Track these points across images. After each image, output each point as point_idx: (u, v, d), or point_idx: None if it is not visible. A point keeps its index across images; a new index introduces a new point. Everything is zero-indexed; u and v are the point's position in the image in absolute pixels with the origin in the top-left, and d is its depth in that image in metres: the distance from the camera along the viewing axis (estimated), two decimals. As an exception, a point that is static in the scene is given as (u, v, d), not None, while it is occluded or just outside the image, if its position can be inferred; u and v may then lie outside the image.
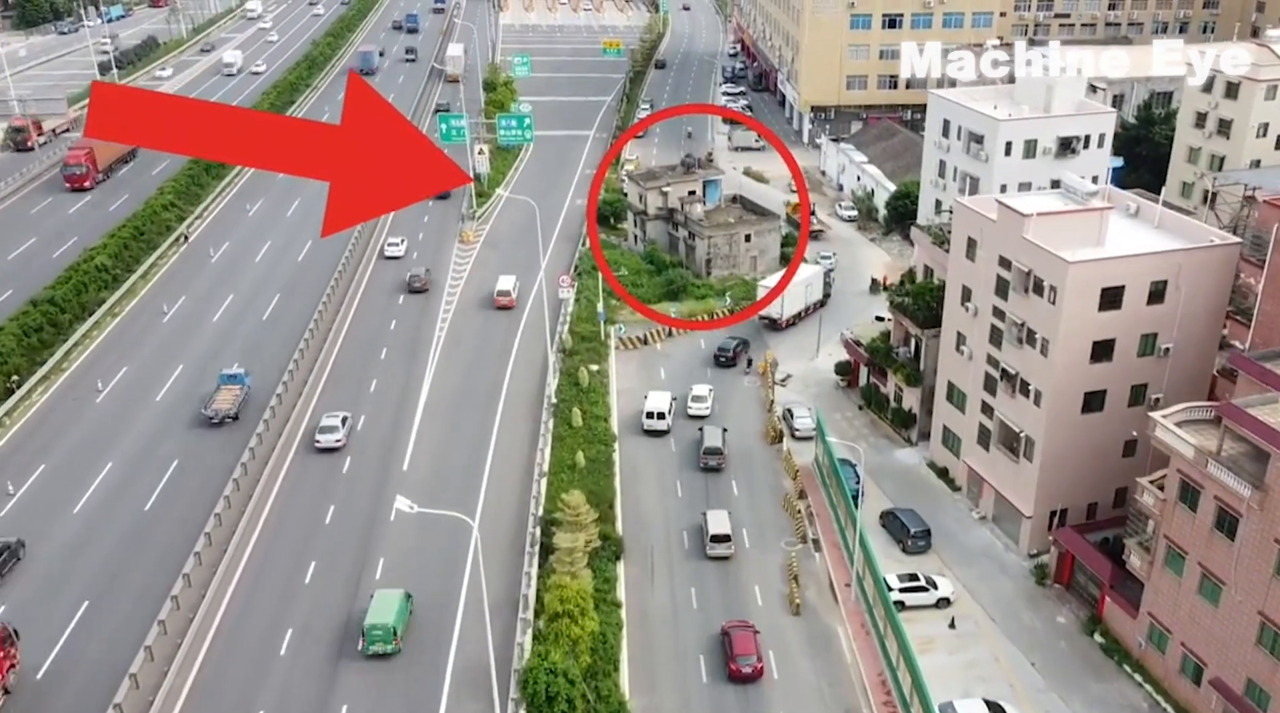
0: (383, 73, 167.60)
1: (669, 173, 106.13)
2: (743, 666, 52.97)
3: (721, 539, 61.57)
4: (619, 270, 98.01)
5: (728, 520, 62.90)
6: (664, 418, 74.31)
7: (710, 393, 77.15)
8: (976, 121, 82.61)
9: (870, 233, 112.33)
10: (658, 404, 75.00)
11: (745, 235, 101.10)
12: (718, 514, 63.46)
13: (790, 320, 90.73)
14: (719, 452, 70.46)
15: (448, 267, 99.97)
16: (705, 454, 70.25)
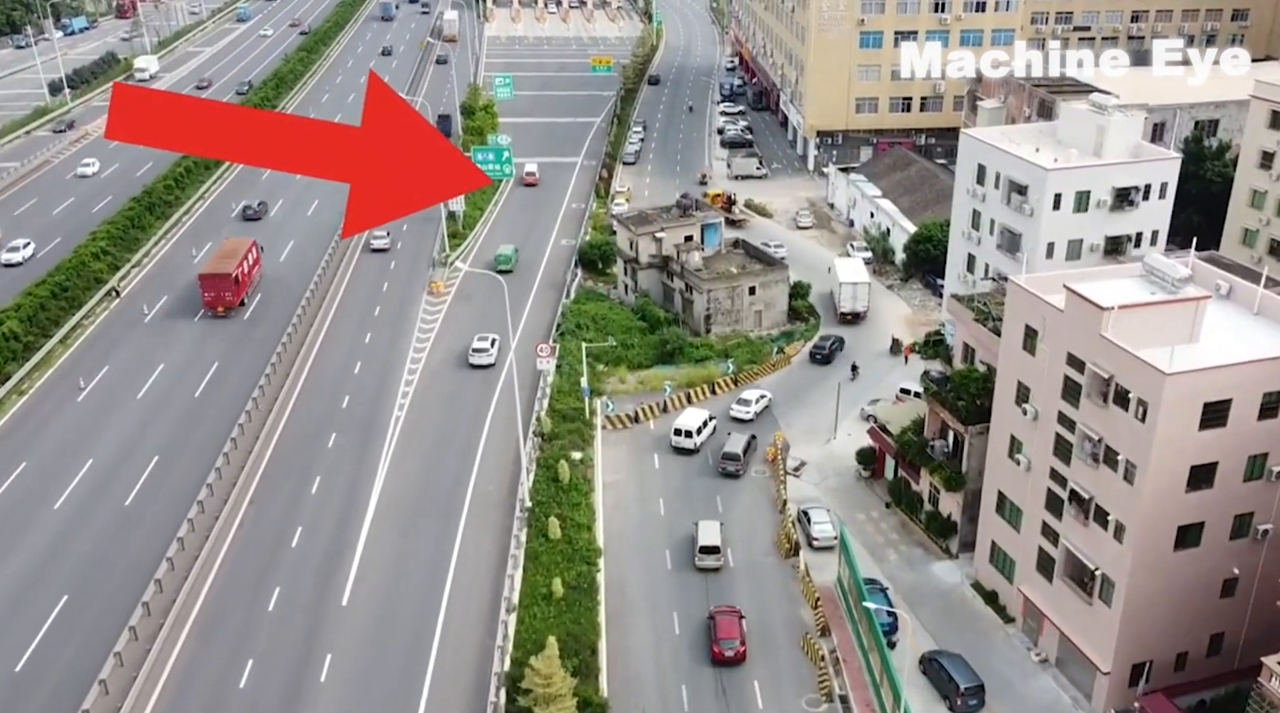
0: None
1: (663, 216, 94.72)
2: (725, 649, 53.51)
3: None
4: (606, 335, 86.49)
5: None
6: (693, 436, 71.57)
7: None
8: (1019, 169, 71.28)
9: (887, 278, 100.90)
10: (689, 422, 72.13)
11: (749, 287, 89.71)
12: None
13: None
14: (737, 457, 69.60)
15: (412, 326, 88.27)
16: (724, 459, 69.89)
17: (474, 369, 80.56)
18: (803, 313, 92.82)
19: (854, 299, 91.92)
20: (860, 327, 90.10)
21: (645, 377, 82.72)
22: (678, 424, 72.62)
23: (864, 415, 75.71)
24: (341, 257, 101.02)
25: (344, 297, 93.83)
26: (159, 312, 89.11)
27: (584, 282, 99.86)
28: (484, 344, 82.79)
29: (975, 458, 60.14)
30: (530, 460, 68.25)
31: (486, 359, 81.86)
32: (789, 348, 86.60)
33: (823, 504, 66.16)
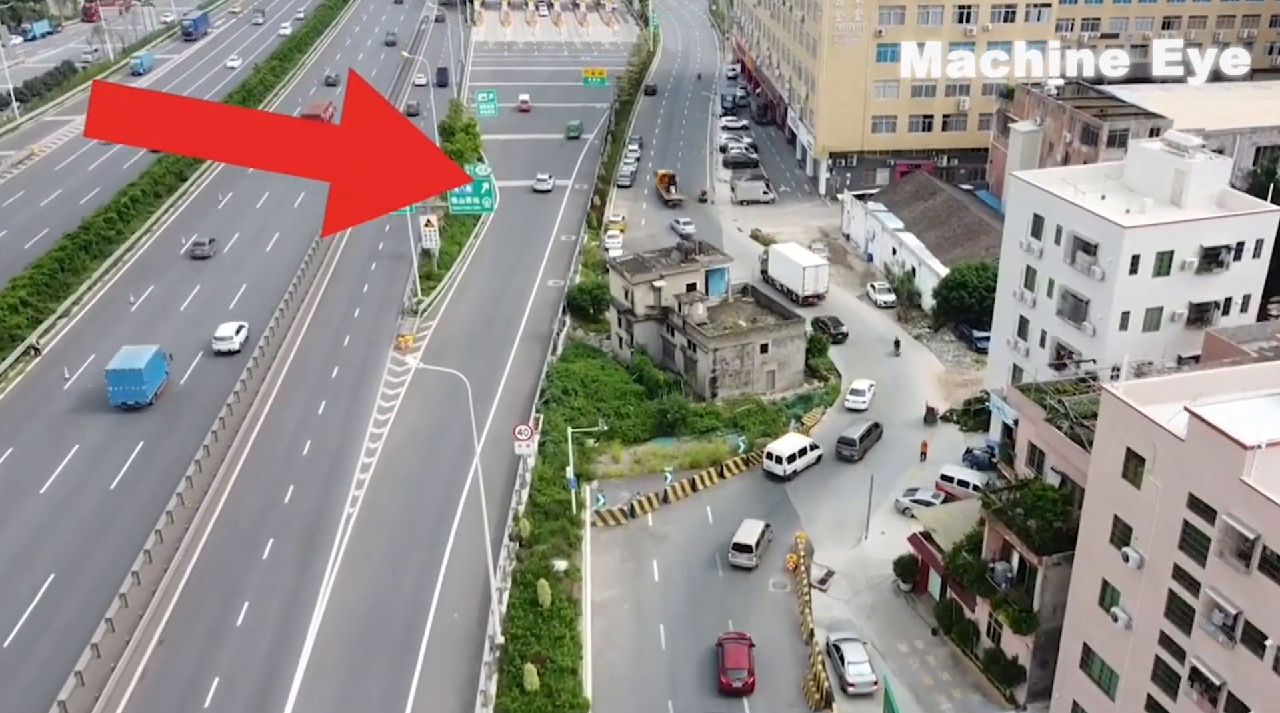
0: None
1: (661, 260, 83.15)
2: (733, 679, 51.37)
3: None
4: (598, 403, 75.04)
5: None
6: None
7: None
8: (1088, 224, 59.83)
9: (914, 327, 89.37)
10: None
11: (761, 346, 78.19)
12: None
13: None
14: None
15: (373, 393, 76.64)
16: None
17: (442, 451, 68.90)
18: (821, 371, 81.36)
19: (816, 282, 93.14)
20: (890, 391, 78.45)
21: (642, 454, 71.27)
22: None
23: (900, 508, 64.41)
24: (300, 301, 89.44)
25: (299, 353, 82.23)
26: (83, 376, 77.36)
27: (573, 331, 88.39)
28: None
29: (1051, 593, 48.76)
30: (505, 578, 56.77)
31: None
32: (807, 418, 75.14)
33: (858, 636, 54.63)
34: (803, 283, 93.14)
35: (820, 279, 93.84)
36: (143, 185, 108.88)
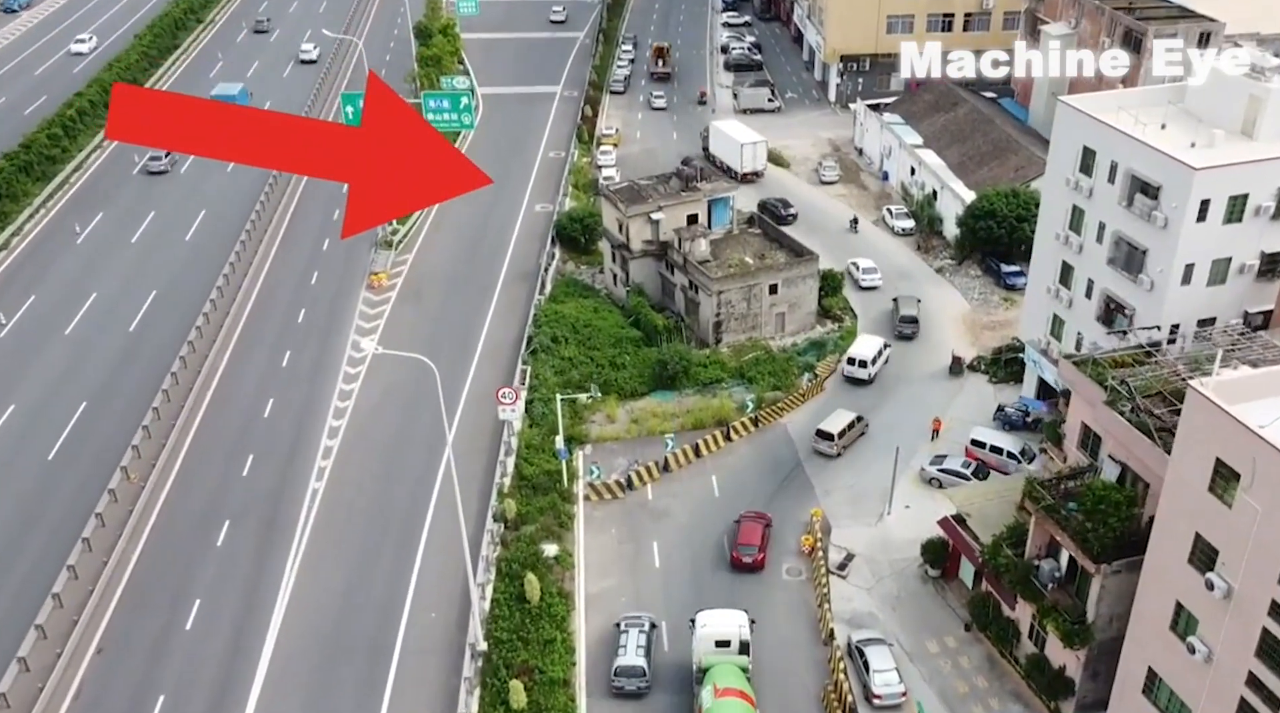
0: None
1: (659, 188, 75.15)
2: (743, 555, 52.16)
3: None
4: (590, 352, 68.16)
5: None
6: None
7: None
8: (1150, 163, 52.08)
9: (935, 258, 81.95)
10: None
11: (770, 286, 70.92)
12: None
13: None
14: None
15: (343, 340, 69.53)
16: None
17: (419, 414, 62.16)
18: (835, 312, 74.27)
19: (754, 160, 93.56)
20: (913, 344, 71.33)
21: (640, 412, 64.69)
22: (852, 354, 66.64)
23: (926, 478, 58.15)
24: (264, 231, 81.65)
25: (261, 293, 74.87)
26: (21, 322, 70.14)
27: (562, 265, 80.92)
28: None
29: (1108, 603, 42.74)
30: (488, 569, 50.72)
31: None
32: (821, 366, 68.35)
33: (883, 636, 48.84)
34: (740, 159, 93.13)
35: (758, 157, 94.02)
36: (91, 95, 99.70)
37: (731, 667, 44.27)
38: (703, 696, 43.21)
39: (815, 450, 60.60)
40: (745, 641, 45.51)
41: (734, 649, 45.29)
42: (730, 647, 45.29)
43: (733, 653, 45.21)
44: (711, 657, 45.00)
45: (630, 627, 47.44)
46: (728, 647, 45.31)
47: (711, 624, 45.68)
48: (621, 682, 45.69)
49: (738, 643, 45.35)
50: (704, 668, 44.77)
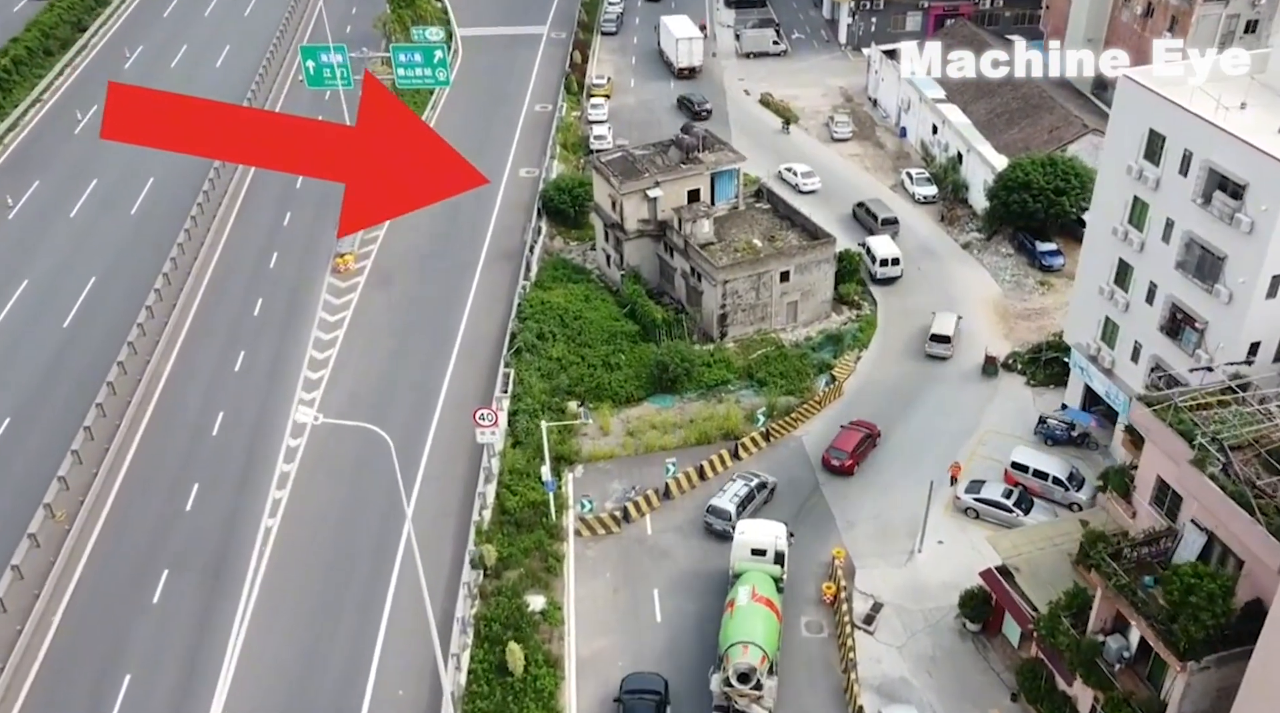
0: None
1: (656, 160, 67.06)
2: (833, 458, 53.18)
3: None
4: (580, 350, 60.93)
5: None
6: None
7: None
8: (1234, 156, 44.31)
9: (961, 232, 74.23)
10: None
11: (782, 273, 63.40)
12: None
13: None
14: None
15: (304, 336, 62.09)
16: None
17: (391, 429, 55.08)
18: (852, 299, 66.88)
19: (690, 55, 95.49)
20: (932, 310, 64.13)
21: (636, 423, 57.73)
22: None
23: (961, 508, 51.49)
24: (218, 205, 73.58)
25: (213, 279, 67.19)
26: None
27: (549, 241, 73.18)
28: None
29: (1193, 700, 36.33)
30: (465, 630, 44.13)
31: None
32: (839, 365, 61.21)
33: (916, 707, 42.55)
34: (676, 54, 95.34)
35: (695, 53, 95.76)
36: (28, 41, 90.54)
37: (765, 576, 44.72)
38: (739, 593, 43.21)
39: (929, 355, 61.26)
40: (781, 552, 45.75)
41: (769, 559, 45.57)
42: (765, 556, 45.57)
43: (767, 563, 45.47)
44: (746, 563, 45.52)
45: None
46: (763, 556, 45.58)
47: (750, 533, 46.26)
48: None
49: (773, 553, 45.65)
50: (737, 573, 45.33)
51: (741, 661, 40.06)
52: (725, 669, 40.40)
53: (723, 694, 40.52)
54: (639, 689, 41.85)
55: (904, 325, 64.45)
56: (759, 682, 40.06)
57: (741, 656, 40.16)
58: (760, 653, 40.37)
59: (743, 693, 40.05)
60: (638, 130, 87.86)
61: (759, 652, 40.38)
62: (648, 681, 42.39)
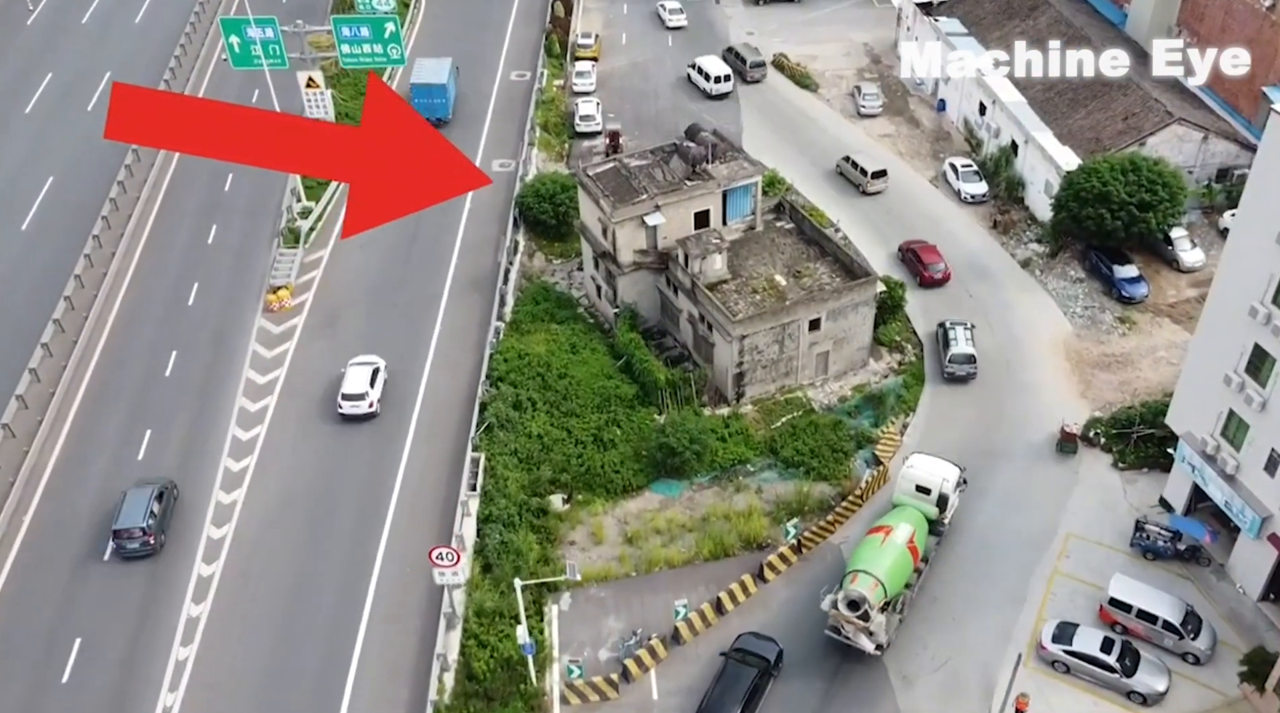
0: None
1: (656, 171, 54.70)
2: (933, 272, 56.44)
3: None
4: (566, 421, 49.56)
5: None
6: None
7: None
8: None
9: (1018, 242, 62.34)
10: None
11: (812, 321, 51.77)
12: None
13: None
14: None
15: (227, 404, 50.50)
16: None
17: (332, 548, 44.11)
18: (895, 341, 55.43)
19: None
20: (995, 379, 52.85)
21: (636, 522, 46.97)
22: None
23: (1048, 660, 40.98)
24: (127, 217, 61.19)
25: (117, 325, 55.27)
26: None
27: (528, 259, 61.21)
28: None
29: None
30: None
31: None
32: (882, 441, 50.04)
33: None
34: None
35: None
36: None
37: (919, 515, 43.27)
38: (895, 527, 41.91)
39: (949, 375, 52.87)
40: (945, 495, 43.90)
41: (931, 499, 43.84)
42: (929, 495, 43.86)
43: (928, 503, 43.82)
44: (906, 498, 44.16)
45: None
46: (927, 494, 43.91)
47: (919, 468, 44.47)
48: None
49: (936, 495, 43.86)
50: (894, 504, 44.33)
51: (854, 588, 39.24)
52: (838, 593, 39.84)
53: (833, 617, 40.03)
54: (748, 651, 39.98)
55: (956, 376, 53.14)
56: (866, 613, 39.12)
57: (852, 583, 39.33)
58: (875, 585, 39.38)
59: (848, 620, 39.45)
60: (631, 104, 75.20)
61: (873, 582, 39.39)
62: (760, 645, 40.41)
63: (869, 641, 39.72)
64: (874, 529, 42.26)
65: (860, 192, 65.91)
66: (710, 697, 38.51)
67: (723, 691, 38.47)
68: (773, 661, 39.88)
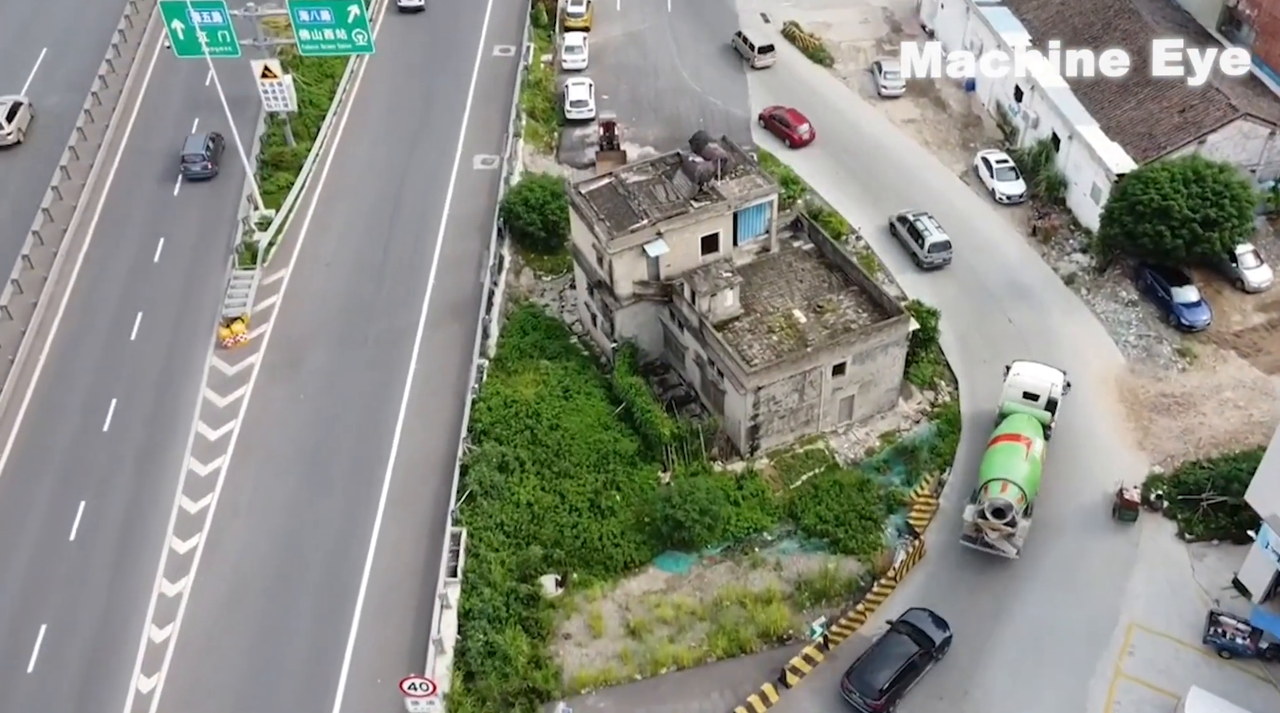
0: None
1: (655, 188, 47.99)
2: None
3: None
4: (561, 497, 43.59)
5: None
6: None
7: None
8: None
9: (1060, 252, 55.92)
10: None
11: (837, 366, 45.60)
12: None
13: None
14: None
15: (174, 467, 44.46)
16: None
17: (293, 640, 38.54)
18: (925, 378, 49.34)
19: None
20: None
21: (639, 608, 41.49)
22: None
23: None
24: (61, 236, 54.52)
25: (49, 368, 48.87)
26: None
27: (515, 277, 54.76)
28: None
29: None
30: None
31: None
32: (916, 507, 44.29)
33: None
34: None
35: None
36: None
37: (1034, 420, 43.97)
38: (1021, 431, 42.96)
39: (928, 266, 53.84)
40: (1054, 400, 44.59)
41: (1040, 405, 44.53)
42: (1038, 401, 44.55)
43: (1038, 408, 44.49)
44: (1015, 405, 44.79)
45: None
46: (1035, 400, 44.58)
47: (1025, 375, 45.25)
48: None
49: (1045, 400, 44.55)
50: (1004, 413, 44.84)
51: (1000, 496, 40.39)
52: (982, 502, 40.81)
53: (973, 526, 40.87)
54: (915, 626, 38.85)
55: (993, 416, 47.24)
56: (1014, 519, 40.32)
57: (1001, 492, 40.41)
58: (1019, 492, 40.68)
59: (995, 527, 40.36)
60: (628, 83, 68.05)
61: (1018, 491, 40.68)
62: (930, 624, 39.01)
63: (1010, 545, 40.80)
64: (1000, 438, 43.00)
65: (750, 66, 67.61)
66: (863, 659, 37.96)
67: (878, 656, 37.79)
68: (939, 644, 38.56)
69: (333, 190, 58.29)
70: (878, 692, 36.76)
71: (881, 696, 36.73)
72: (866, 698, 36.84)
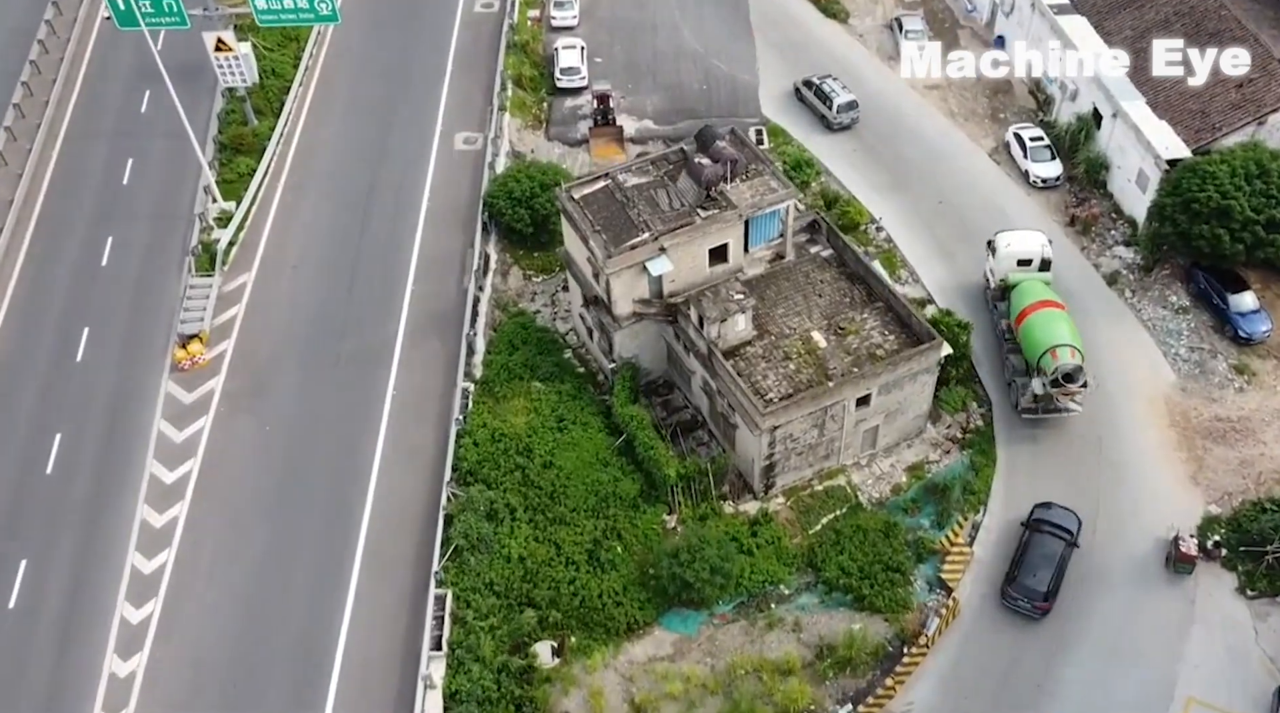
0: None
1: (656, 192, 42.61)
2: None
3: None
4: (556, 548, 39.24)
5: None
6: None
7: None
8: None
9: (1101, 246, 50.80)
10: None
11: (861, 397, 40.94)
12: None
13: None
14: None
15: (125, 526, 40.00)
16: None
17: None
18: (956, 400, 44.70)
19: None
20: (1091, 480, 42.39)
21: (643, 682, 37.65)
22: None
23: None
24: (2, 229, 49.24)
25: (-11, 395, 44.09)
26: None
27: (502, 279, 49.64)
28: None
29: None
30: None
31: None
32: (950, 557, 40.15)
33: None
34: None
35: None
36: None
37: (1039, 283, 44.70)
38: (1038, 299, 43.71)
39: (838, 126, 54.70)
40: (1047, 258, 45.42)
41: (1035, 267, 45.39)
42: (1032, 265, 45.43)
43: (1034, 271, 45.32)
44: (1015, 275, 45.49)
45: None
46: (1029, 265, 45.43)
47: (1015, 243, 45.97)
48: None
49: (1039, 262, 45.43)
50: (1008, 286, 45.47)
51: (1069, 361, 41.20)
52: (1046, 373, 41.41)
53: (1033, 397, 42.16)
54: (1052, 522, 39.67)
55: (1035, 451, 42.85)
56: (1085, 380, 41.68)
57: (1071, 357, 41.23)
58: (1079, 353, 41.50)
59: (1068, 392, 41.56)
60: (622, 43, 61.98)
61: (1078, 351, 41.49)
62: (1060, 515, 40.00)
63: (1076, 404, 42.24)
64: (1030, 308, 43.19)
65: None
66: (1022, 565, 38.48)
67: (1032, 561, 38.49)
68: (1076, 533, 39.68)
69: (299, 178, 52.75)
70: (1044, 595, 37.91)
71: (1048, 598, 37.92)
72: (1035, 602, 37.95)
